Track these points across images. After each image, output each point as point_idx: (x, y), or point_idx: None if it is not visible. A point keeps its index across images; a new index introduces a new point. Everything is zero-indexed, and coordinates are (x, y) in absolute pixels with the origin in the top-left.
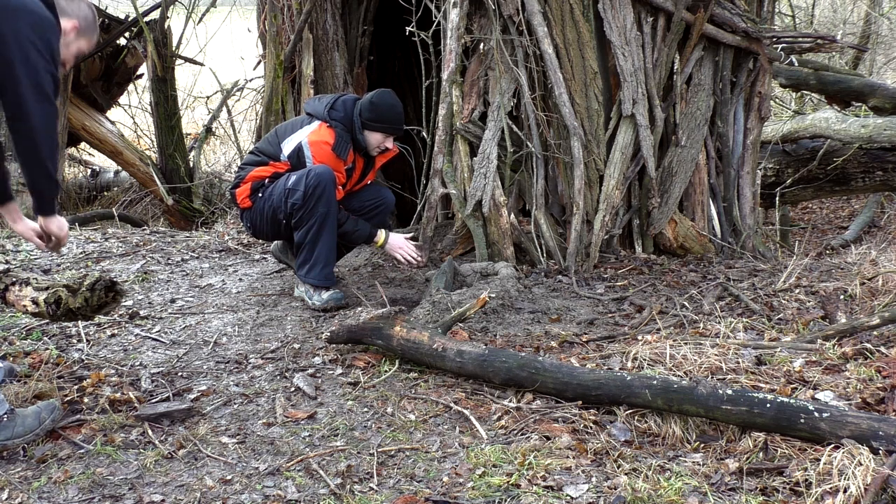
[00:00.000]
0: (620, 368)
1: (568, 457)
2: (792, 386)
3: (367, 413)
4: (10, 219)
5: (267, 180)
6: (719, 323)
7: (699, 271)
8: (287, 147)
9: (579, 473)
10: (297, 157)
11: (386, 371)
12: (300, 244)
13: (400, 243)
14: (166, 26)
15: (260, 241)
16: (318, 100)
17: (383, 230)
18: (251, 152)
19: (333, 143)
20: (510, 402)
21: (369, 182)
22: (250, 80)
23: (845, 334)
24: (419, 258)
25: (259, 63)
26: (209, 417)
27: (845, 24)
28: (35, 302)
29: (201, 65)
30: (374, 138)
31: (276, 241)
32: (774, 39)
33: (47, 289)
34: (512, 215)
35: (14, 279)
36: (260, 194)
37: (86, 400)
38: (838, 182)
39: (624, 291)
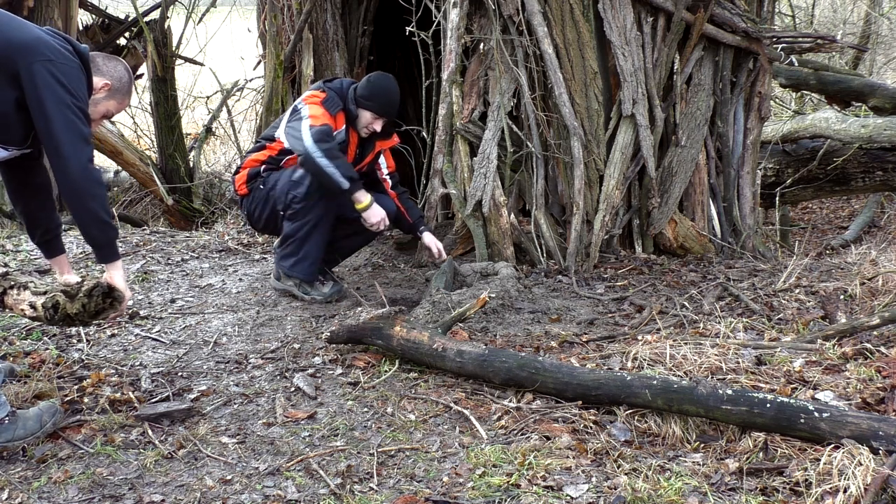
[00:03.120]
0: (620, 368)
1: (568, 457)
2: (792, 386)
3: (367, 413)
4: (58, 271)
5: (262, 166)
6: (719, 323)
7: (699, 271)
8: (283, 122)
9: (579, 473)
10: (292, 115)
11: (386, 371)
12: (289, 236)
13: (381, 214)
14: (166, 26)
15: (259, 238)
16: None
17: (369, 195)
18: (254, 142)
19: (324, 98)
20: (510, 402)
21: (370, 187)
22: (250, 80)
23: (845, 334)
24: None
25: (259, 63)
26: (209, 417)
27: (845, 24)
28: (33, 306)
29: (201, 65)
30: (364, 117)
31: (273, 273)
32: (774, 39)
33: (45, 293)
34: (512, 215)
35: (12, 283)
36: (257, 182)
37: (86, 400)
38: (838, 182)
39: (624, 291)
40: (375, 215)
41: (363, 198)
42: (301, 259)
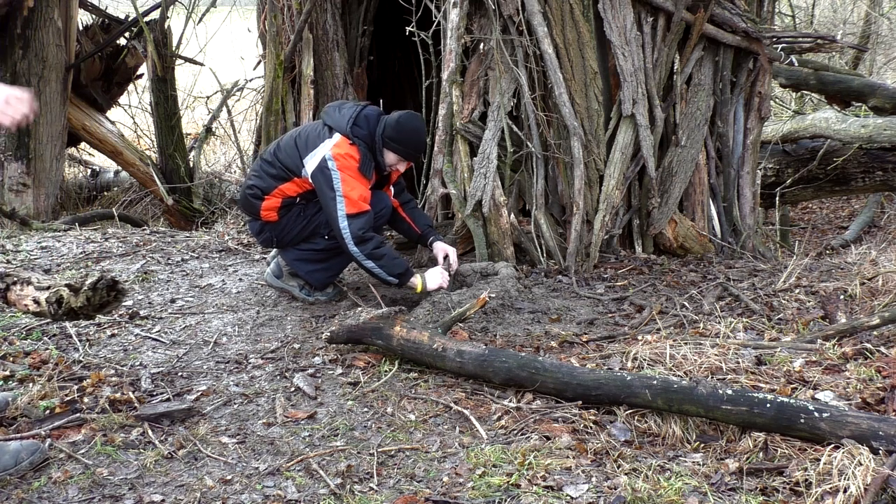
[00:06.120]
0: (620, 368)
1: (568, 457)
2: (792, 386)
3: (367, 413)
4: None
5: (298, 198)
6: (719, 323)
7: (699, 271)
8: (310, 164)
9: (579, 473)
10: (322, 173)
11: (386, 371)
12: (321, 249)
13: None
14: (166, 26)
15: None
16: (338, 110)
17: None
18: (268, 161)
19: (359, 162)
20: (510, 402)
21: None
22: (250, 80)
23: (845, 334)
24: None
25: (259, 63)
26: (209, 417)
27: (845, 24)
28: (37, 301)
29: (201, 65)
30: (389, 157)
31: (270, 269)
32: (774, 39)
33: (48, 288)
34: (512, 215)
35: (15, 279)
36: (293, 210)
37: (86, 400)
38: (838, 182)
39: (624, 291)
40: (434, 284)
41: (415, 283)
42: (323, 269)
